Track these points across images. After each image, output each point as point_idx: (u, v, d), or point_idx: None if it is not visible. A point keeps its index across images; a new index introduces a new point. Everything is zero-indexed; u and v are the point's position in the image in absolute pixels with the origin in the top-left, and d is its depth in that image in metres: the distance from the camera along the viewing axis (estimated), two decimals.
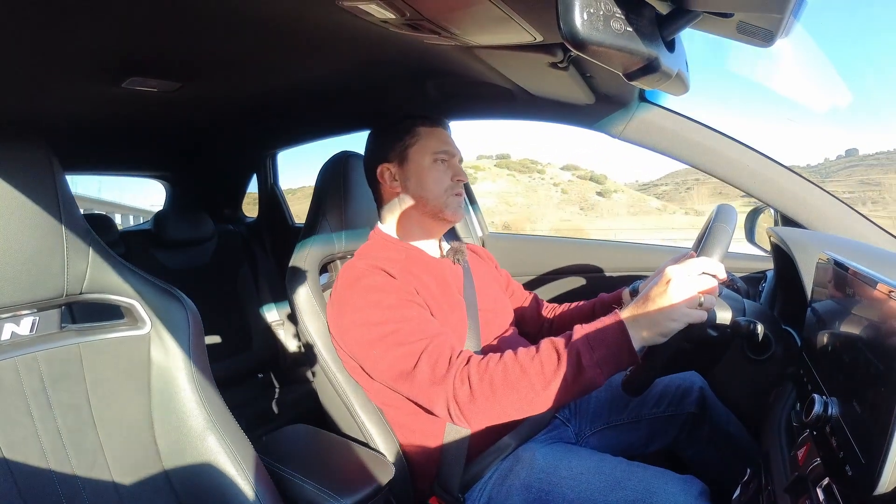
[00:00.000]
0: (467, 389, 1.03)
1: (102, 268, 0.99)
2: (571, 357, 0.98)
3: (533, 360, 1.01)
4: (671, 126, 1.55)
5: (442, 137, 1.34)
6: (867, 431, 0.60)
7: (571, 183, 60.11)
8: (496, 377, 1.02)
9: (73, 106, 1.74)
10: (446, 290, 1.30)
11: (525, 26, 1.01)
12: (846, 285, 0.78)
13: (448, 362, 1.07)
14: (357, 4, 0.96)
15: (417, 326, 1.13)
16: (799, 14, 0.73)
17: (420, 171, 1.31)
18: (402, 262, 1.27)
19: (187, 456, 1.02)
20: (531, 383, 1.00)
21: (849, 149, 43.18)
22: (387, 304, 1.15)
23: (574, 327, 1.03)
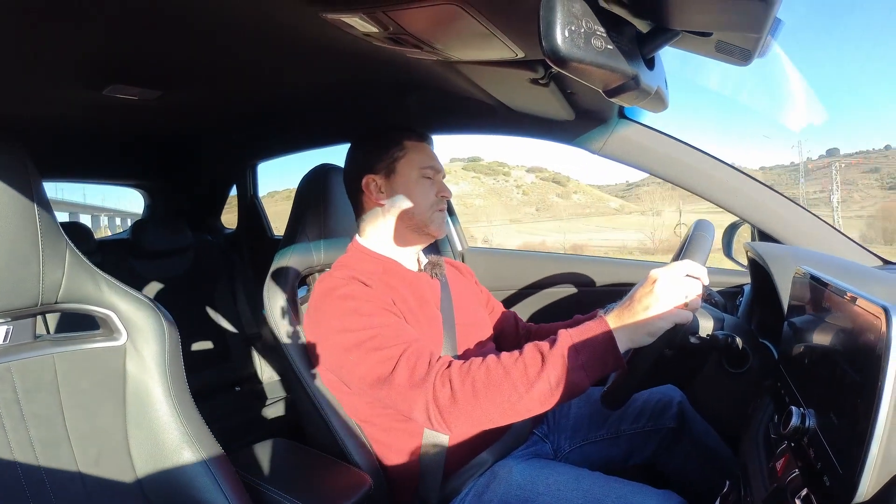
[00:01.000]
0: (448, 392, 1.01)
1: (78, 277, 0.97)
2: (556, 359, 0.97)
3: (516, 362, 1.00)
4: (650, 143, 1.57)
5: (428, 153, 1.35)
6: (844, 442, 0.60)
7: (534, 185, 60.80)
8: (478, 379, 1.00)
9: (53, 112, 1.72)
10: (423, 303, 1.29)
11: (507, 42, 1.02)
12: (822, 299, 0.79)
13: (427, 365, 1.06)
14: (340, 17, 0.96)
15: (395, 332, 1.12)
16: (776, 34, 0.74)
17: (407, 184, 1.31)
18: (379, 274, 1.26)
19: (163, 469, 1.01)
20: (514, 385, 0.98)
21: (830, 148, 44.11)
22: (364, 312, 1.14)
23: (559, 332, 1.02)
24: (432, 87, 1.52)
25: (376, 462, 1.28)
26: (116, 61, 1.30)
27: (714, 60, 0.86)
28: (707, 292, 1.42)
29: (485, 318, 1.48)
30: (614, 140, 1.59)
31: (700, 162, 1.54)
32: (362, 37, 1.06)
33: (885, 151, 21.47)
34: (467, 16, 0.89)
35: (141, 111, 1.75)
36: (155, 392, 1.02)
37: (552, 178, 34.91)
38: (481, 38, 1.00)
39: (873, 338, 0.57)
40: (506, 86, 1.41)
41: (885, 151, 21.45)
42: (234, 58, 1.33)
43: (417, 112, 1.83)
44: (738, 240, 1.72)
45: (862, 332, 0.60)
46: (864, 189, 23.81)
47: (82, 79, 1.40)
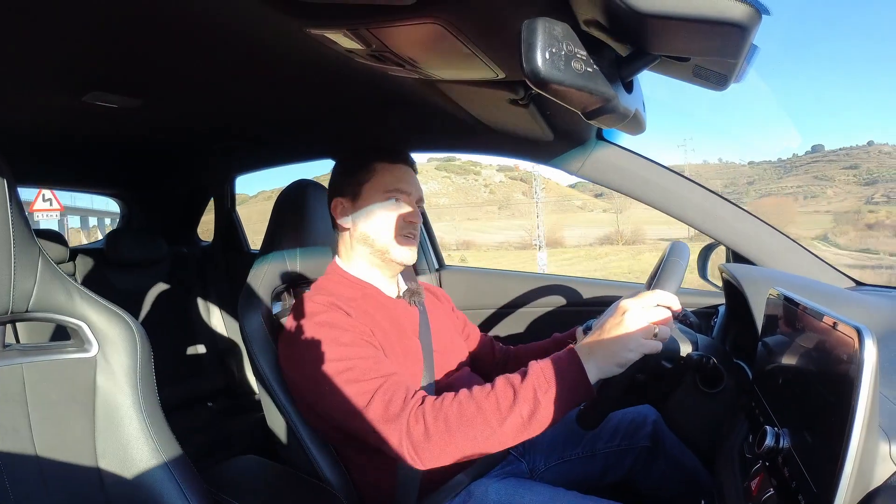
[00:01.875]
0: (422, 428, 1.00)
1: (50, 286, 0.95)
2: (527, 393, 0.97)
3: (488, 396, 0.99)
4: (627, 165, 1.59)
5: (399, 175, 1.32)
6: (818, 461, 0.61)
7: (502, 184, 61.10)
8: (451, 415, 1.00)
9: (31, 117, 1.70)
10: (401, 331, 1.28)
11: (488, 63, 1.03)
12: (796, 320, 0.80)
13: (402, 401, 1.05)
14: (324, 33, 0.96)
15: (372, 365, 1.11)
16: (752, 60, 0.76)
17: (370, 208, 1.29)
18: (357, 300, 1.25)
19: (131, 484, 0.98)
20: (487, 420, 0.98)
21: (815, 144, 45.02)
22: (342, 342, 1.13)
23: (529, 363, 1.02)
24: (413, 104, 1.53)
25: (350, 481, 1.26)
26: (97, 68, 1.29)
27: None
28: (682, 313, 1.44)
29: (461, 345, 1.47)
30: (592, 161, 1.61)
31: (676, 184, 1.56)
32: (345, 53, 1.06)
33: (867, 147, 21.97)
34: (450, 35, 0.90)
35: (121, 120, 1.73)
36: (125, 405, 1.00)
37: (520, 176, 35.23)
38: (463, 57, 1.01)
39: (846, 358, 0.58)
40: (486, 105, 1.42)
41: (867, 147, 21.95)
42: (216, 70, 1.32)
43: (398, 129, 1.83)
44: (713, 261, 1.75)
45: (835, 352, 0.61)
46: (840, 185, 24.28)
47: (62, 85, 1.38)
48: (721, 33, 0.63)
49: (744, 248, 1.54)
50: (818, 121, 70.22)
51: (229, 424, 2.43)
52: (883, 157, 23.11)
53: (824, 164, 24.59)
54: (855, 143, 28.82)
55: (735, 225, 1.54)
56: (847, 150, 22.20)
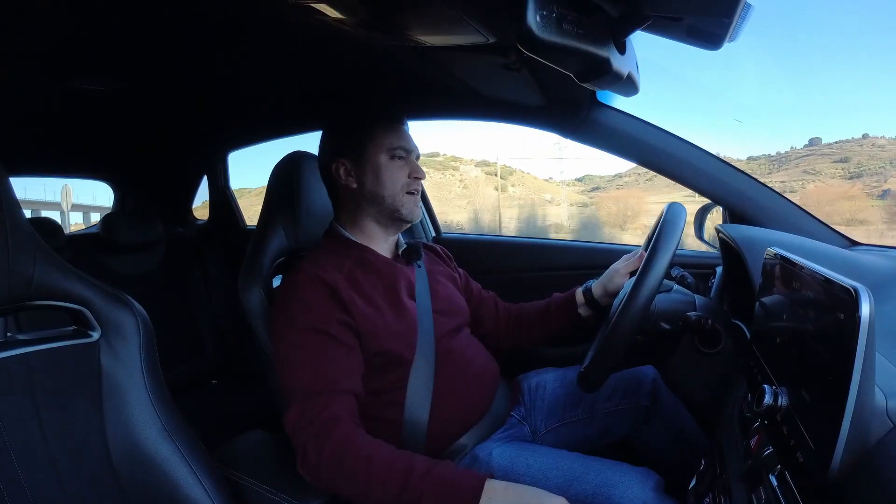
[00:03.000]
0: (314, 458, 1.04)
1: (49, 273, 0.94)
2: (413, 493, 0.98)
3: (383, 472, 1.01)
4: (622, 127, 1.57)
5: (399, 133, 1.33)
6: (816, 419, 0.62)
7: (477, 179, 61.75)
8: (347, 466, 1.03)
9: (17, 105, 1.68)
10: (394, 294, 1.28)
11: (478, 28, 1.01)
12: (792, 279, 0.80)
13: (316, 414, 1.07)
14: (310, 3, 0.94)
15: (314, 362, 1.13)
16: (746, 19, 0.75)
17: (376, 167, 1.30)
18: (349, 266, 1.25)
19: (142, 465, 0.99)
20: (369, 490, 1.01)
21: (812, 137, 44.86)
22: (298, 325, 1.16)
23: (441, 466, 1.03)
24: (404, 73, 1.51)
25: None
26: (81, 51, 1.27)
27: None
28: (680, 274, 1.44)
29: (462, 304, 1.47)
30: (587, 125, 1.59)
31: (672, 145, 1.55)
32: (333, 23, 1.04)
33: (860, 140, 21.68)
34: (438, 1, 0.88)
35: (107, 102, 1.72)
36: (131, 388, 1.00)
37: (494, 172, 35.10)
38: (452, 23, 0.99)
39: (843, 317, 0.58)
40: (478, 71, 1.41)
41: (861, 140, 21.65)
42: (202, 45, 1.30)
43: (390, 98, 1.81)
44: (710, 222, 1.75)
45: (832, 311, 0.62)
46: (824, 179, 24.12)
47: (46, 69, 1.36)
48: None
49: (741, 209, 1.54)
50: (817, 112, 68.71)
51: (234, 401, 2.45)
52: (875, 151, 22.83)
53: (817, 157, 24.38)
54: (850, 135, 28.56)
55: (732, 185, 1.54)
56: (842, 143, 21.94)
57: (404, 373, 1.23)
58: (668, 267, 1.08)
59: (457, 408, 1.26)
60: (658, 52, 0.94)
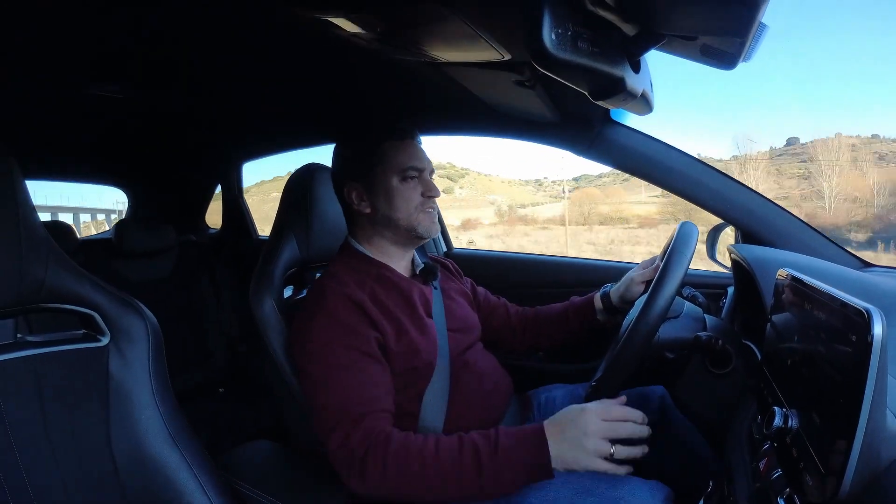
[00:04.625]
0: (379, 475, 1.02)
1: (61, 277, 0.95)
2: (490, 474, 0.98)
3: (452, 464, 1.00)
4: (635, 145, 1.58)
5: (409, 152, 1.30)
6: (827, 442, 0.61)
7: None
8: (411, 472, 1.01)
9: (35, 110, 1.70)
10: (413, 312, 1.28)
11: (493, 44, 1.02)
12: (804, 301, 0.80)
13: (365, 435, 1.06)
14: (327, 17, 0.96)
15: (349, 387, 1.12)
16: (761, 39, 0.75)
17: (388, 191, 1.28)
18: (370, 283, 1.25)
19: (146, 472, 0.99)
20: (445, 486, 1.00)
21: (790, 137, 43.83)
22: (332, 348, 1.14)
23: (500, 432, 1.03)
24: (419, 87, 1.52)
25: None
26: (100, 58, 1.29)
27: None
28: (691, 294, 1.44)
29: (474, 319, 1.47)
30: (600, 142, 1.60)
31: (684, 164, 1.56)
32: (349, 37, 1.05)
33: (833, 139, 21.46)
34: (454, 17, 0.89)
35: (124, 109, 1.74)
36: (138, 393, 1.01)
37: (447, 174, 35.15)
38: (468, 39, 1.00)
39: (855, 339, 0.58)
40: (492, 87, 1.42)
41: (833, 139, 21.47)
42: (219, 56, 1.32)
43: (404, 113, 1.83)
44: (722, 242, 1.74)
45: (844, 333, 0.61)
46: (779, 180, 23.99)
47: (65, 76, 1.38)
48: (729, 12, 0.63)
49: (753, 229, 1.53)
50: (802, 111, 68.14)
51: (241, 410, 2.45)
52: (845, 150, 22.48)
53: (788, 157, 24.03)
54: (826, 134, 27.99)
55: (744, 205, 1.53)
56: (816, 142, 21.54)
57: (422, 388, 1.22)
58: (678, 287, 1.08)
59: (470, 421, 1.25)
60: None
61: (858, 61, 52.80)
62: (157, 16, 1.06)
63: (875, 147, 10.59)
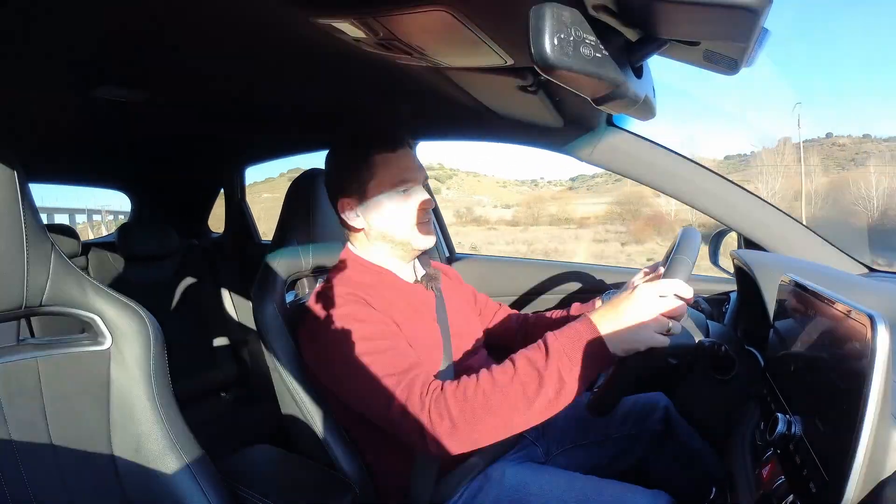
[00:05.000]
0: (447, 422, 1.00)
1: (63, 280, 0.95)
2: (552, 374, 0.96)
3: (512, 381, 0.98)
4: (637, 151, 1.57)
5: (401, 163, 1.27)
6: (830, 449, 0.61)
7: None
8: (477, 404, 0.99)
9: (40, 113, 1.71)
10: (421, 317, 1.28)
11: (496, 49, 1.02)
12: (808, 307, 0.80)
13: (421, 395, 1.04)
14: (331, 22, 0.96)
15: (392, 359, 1.10)
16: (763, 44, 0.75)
17: (382, 207, 1.26)
18: (376, 287, 1.24)
19: (147, 476, 0.99)
20: (514, 406, 0.97)
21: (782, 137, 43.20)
22: (363, 335, 1.13)
23: (547, 337, 1.01)
24: (422, 92, 1.52)
25: (365, 469, 1.27)
26: (105, 63, 1.29)
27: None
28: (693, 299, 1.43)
29: (476, 324, 1.47)
30: (602, 148, 1.60)
31: (687, 170, 1.55)
32: (352, 42, 1.06)
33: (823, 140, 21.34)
34: (458, 23, 0.89)
35: (128, 113, 1.74)
36: (139, 397, 1.01)
37: (435, 175, 35.47)
38: (471, 44, 1.00)
39: (859, 346, 0.58)
40: (495, 92, 1.42)
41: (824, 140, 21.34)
42: (223, 61, 1.32)
43: (406, 117, 1.83)
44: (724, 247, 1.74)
45: (847, 340, 0.61)
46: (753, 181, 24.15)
47: (70, 80, 1.39)
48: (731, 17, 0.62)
49: (756, 234, 1.53)
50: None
51: (243, 414, 2.45)
52: (834, 150, 22.33)
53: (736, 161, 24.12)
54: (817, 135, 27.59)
55: (747, 211, 1.53)
56: (808, 142, 21.42)
57: None
58: None
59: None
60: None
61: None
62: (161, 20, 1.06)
63: (865, 147, 10.56)
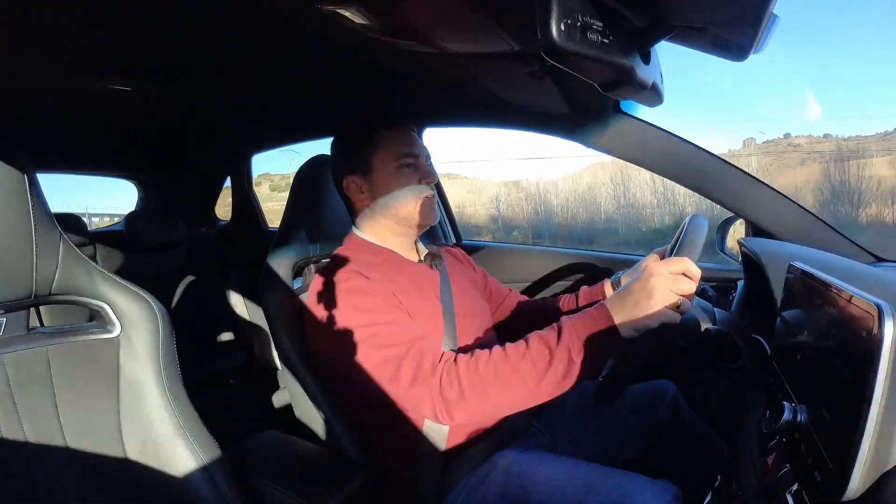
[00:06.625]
0: (457, 389, 1.02)
1: (72, 269, 0.96)
2: (563, 353, 0.98)
3: (524, 357, 1.00)
4: (645, 137, 1.56)
5: (404, 139, 1.31)
6: (835, 438, 0.61)
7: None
8: (487, 376, 1.01)
9: (47, 103, 1.71)
10: (423, 294, 1.28)
11: (503, 35, 1.01)
12: (814, 295, 0.79)
13: (432, 364, 1.06)
14: (336, 9, 0.95)
15: (399, 329, 1.12)
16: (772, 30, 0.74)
17: (386, 179, 1.29)
18: (378, 265, 1.25)
19: (156, 462, 1.00)
20: (524, 380, 0.99)
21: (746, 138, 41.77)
22: (366, 307, 1.14)
23: (562, 320, 1.03)
24: (428, 79, 1.52)
25: (373, 455, 1.28)
26: (111, 52, 1.29)
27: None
28: (700, 287, 1.43)
29: (484, 307, 1.48)
30: (610, 134, 1.59)
31: (694, 157, 1.54)
32: (358, 28, 1.05)
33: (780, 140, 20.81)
34: (463, 8, 0.89)
35: (135, 102, 1.74)
36: (149, 385, 1.02)
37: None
38: (477, 30, 0.99)
39: (865, 335, 0.58)
40: (501, 79, 1.41)
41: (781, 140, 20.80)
42: (229, 49, 1.32)
43: (413, 105, 1.82)
44: (732, 235, 1.73)
45: (854, 329, 0.61)
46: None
47: (77, 70, 1.39)
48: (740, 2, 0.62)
49: (763, 222, 1.52)
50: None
51: (251, 401, 2.46)
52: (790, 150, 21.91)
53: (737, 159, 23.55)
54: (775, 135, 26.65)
55: (754, 198, 1.52)
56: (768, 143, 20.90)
57: None
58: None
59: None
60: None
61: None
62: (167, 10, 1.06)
63: (824, 146, 10.41)
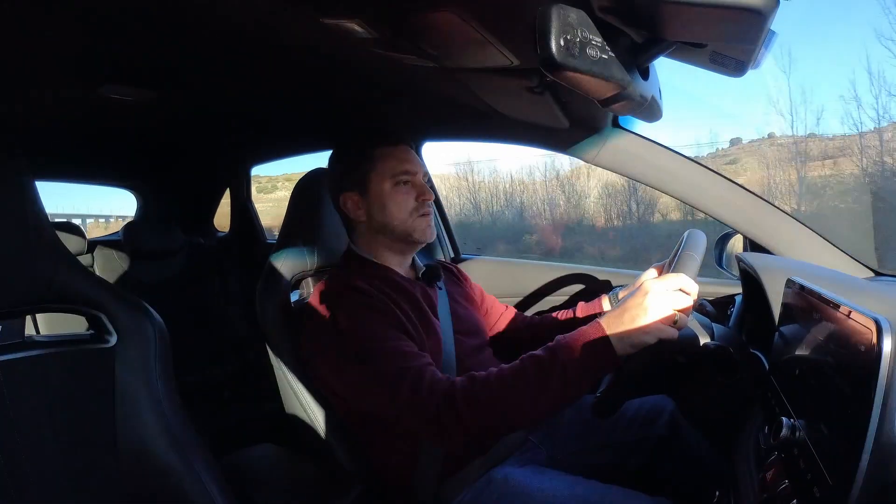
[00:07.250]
0: (454, 414, 1.01)
1: (69, 277, 0.95)
2: (558, 372, 0.97)
3: (520, 377, 1.00)
4: (643, 152, 1.57)
5: (400, 157, 1.31)
6: (834, 453, 0.61)
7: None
8: (482, 398, 1.00)
9: (47, 111, 1.72)
10: (420, 312, 1.28)
11: (502, 50, 1.02)
12: (813, 310, 0.79)
13: (430, 386, 1.05)
14: (338, 22, 0.96)
15: (397, 352, 1.11)
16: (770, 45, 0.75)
17: (381, 197, 1.29)
18: (376, 283, 1.25)
19: (151, 473, 0.99)
20: (520, 402, 0.99)
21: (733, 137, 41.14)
22: (363, 323, 1.14)
23: (557, 338, 1.03)
24: (428, 93, 1.52)
25: (368, 468, 1.27)
26: (112, 61, 1.30)
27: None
28: (698, 302, 1.43)
29: (481, 324, 1.47)
30: (608, 149, 1.59)
31: (692, 172, 1.55)
32: (359, 42, 1.06)
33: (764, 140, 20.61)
34: (464, 23, 0.89)
35: (135, 112, 1.75)
36: (144, 396, 1.00)
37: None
38: (477, 45, 1.00)
39: (864, 350, 0.58)
40: (500, 93, 1.41)
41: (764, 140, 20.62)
42: (230, 61, 1.33)
43: (412, 118, 1.83)
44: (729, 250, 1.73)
45: (853, 344, 0.61)
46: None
47: (77, 78, 1.39)
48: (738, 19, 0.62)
49: (761, 237, 1.52)
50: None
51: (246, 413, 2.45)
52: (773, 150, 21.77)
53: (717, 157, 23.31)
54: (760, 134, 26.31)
55: (752, 213, 1.52)
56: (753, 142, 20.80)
57: None
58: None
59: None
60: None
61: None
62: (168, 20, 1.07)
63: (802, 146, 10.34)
